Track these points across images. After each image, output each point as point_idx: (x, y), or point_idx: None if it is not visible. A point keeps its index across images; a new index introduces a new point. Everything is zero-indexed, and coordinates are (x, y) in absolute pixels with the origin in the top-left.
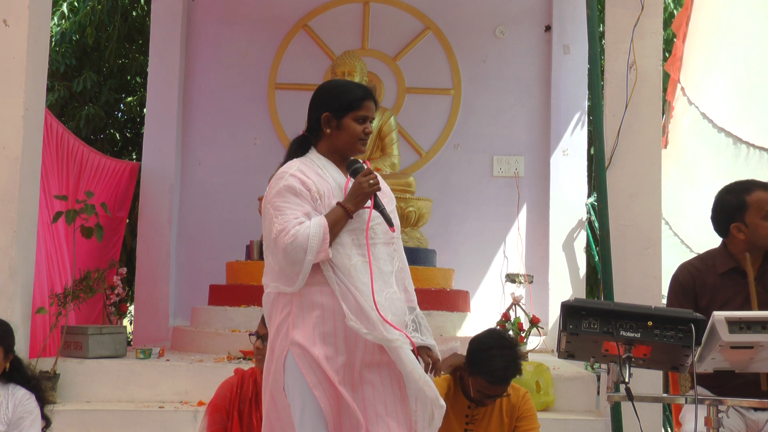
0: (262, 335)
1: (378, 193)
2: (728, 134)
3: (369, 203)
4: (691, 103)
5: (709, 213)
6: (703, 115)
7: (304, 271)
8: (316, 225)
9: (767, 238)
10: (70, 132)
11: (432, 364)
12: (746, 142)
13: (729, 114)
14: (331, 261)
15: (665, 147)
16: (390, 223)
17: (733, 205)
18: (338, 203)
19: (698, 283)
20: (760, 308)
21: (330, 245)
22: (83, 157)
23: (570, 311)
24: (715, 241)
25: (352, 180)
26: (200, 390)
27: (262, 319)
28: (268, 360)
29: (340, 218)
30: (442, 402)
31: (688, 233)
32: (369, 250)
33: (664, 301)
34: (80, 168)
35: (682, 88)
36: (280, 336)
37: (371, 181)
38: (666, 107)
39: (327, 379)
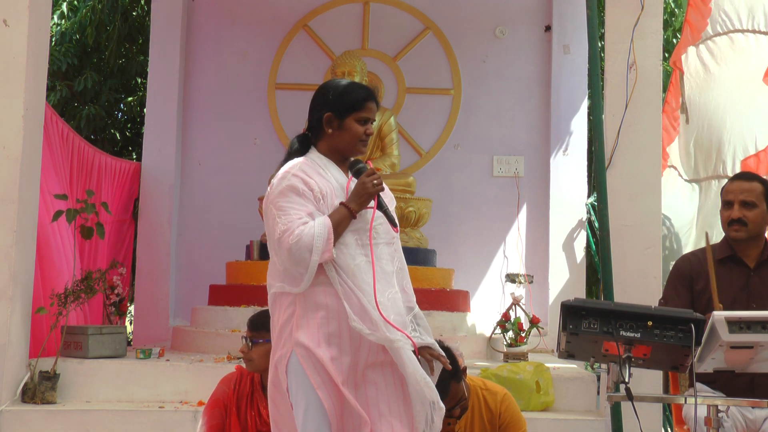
0: (249, 337)
1: (380, 193)
2: (736, 31)
3: (372, 203)
4: (702, 40)
5: None
6: (728, 32)
7: (309, 272)
8: (321, 225)
9: (723, 225)
10: (75, 132)
11: (437, 360)
12: None
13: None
14: (335, 261)
15: (687, 122)
16: (394, 223)
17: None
18: (341, 203)
19: (695, 269)
20: (756, 300)
21: (333, 245)
22: (89, 157)
23: (570, 311)
24: None
25: (354, 179)
26: (200, 390)
27: (249, 321)
28: (270, 360)
29: (343, 218)
30: (442, 404)
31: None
32: (372, 250)
33: None
34: (87, 168)
35: (692, 39)
36: (283, 336)
37: (375, 182)
38: (682, 81)
39: (331, 380)
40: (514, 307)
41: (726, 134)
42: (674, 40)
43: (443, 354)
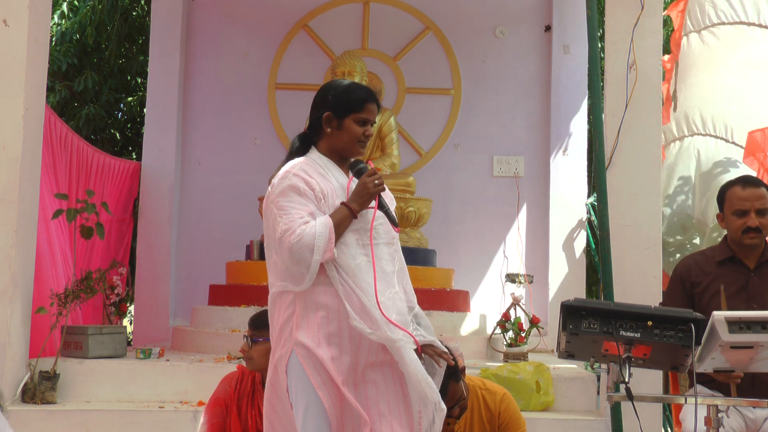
0: (249, 336)
1: (381, 193)
2: (741, 23)
3: (373, 203)
4: (702, 28)
5: None
6: (733, 23)
7: (311, 271)
8: (322, 224)
9: (735, 232)
10: (74, 132)
11: (440, 357)
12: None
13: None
14: (336, 261)
15: (675, 110)
16: (395, 223)
17: (719, 198)
18: (342, 203)
19: (694, 272)
20: (756, 299)
21: (335, 245)
22: (87, 157)
23: (570, 311)
24: None
25: (355, 180)
26: (200, 390)
27: (250, 320)
28: (270, 360)
29: (344, 218)
30: (443, 405)
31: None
32: (372, 250)
33: None
34: (85, 167)
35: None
36: (283, 336)
37: (376, 182)
38: (675, 69)
39: (331, 380)
40: (514, 307)
41: (734, 106)
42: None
43: (446, 351)
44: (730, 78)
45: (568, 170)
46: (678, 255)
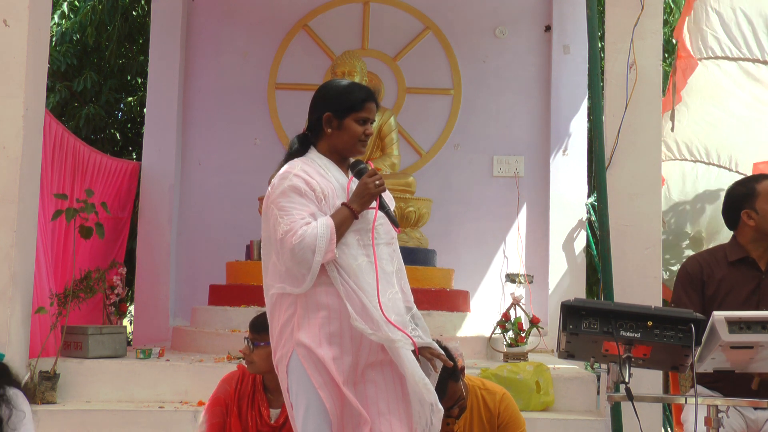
0: (250, 339)
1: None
2: (746, 60)
3: (374, 204)
4: (704, 57)
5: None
6: (737, 59)
7: (312, 272)
8: (323, 225)
9: None
10: (70, 132)
11: (438, 359)
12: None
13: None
14: (337, 262)
15: (672, 130)
16: (395, 224)
17: (743, 194)
18: (343, 204)
19: (706, 272)
20: (766, 303)
21: (336, 246)
22: (84, 157)
23: (570, 311)
24: None
25: (355, 180)
26: (200, 390)
27: (251, 323)
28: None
29: (345, 219)
30: (440, 406)
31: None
32: (374, 250)
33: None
34: (81, 168)
35: (685, 55)
36: (284, 337)
37: (377, 182)
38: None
39: (332, 380)
40: (514, 307)
41: (740, 138)
42: (673, 41)
43: (443, 353)
44: (737, 109)
45: (568, 170)
46: (671, 269)
